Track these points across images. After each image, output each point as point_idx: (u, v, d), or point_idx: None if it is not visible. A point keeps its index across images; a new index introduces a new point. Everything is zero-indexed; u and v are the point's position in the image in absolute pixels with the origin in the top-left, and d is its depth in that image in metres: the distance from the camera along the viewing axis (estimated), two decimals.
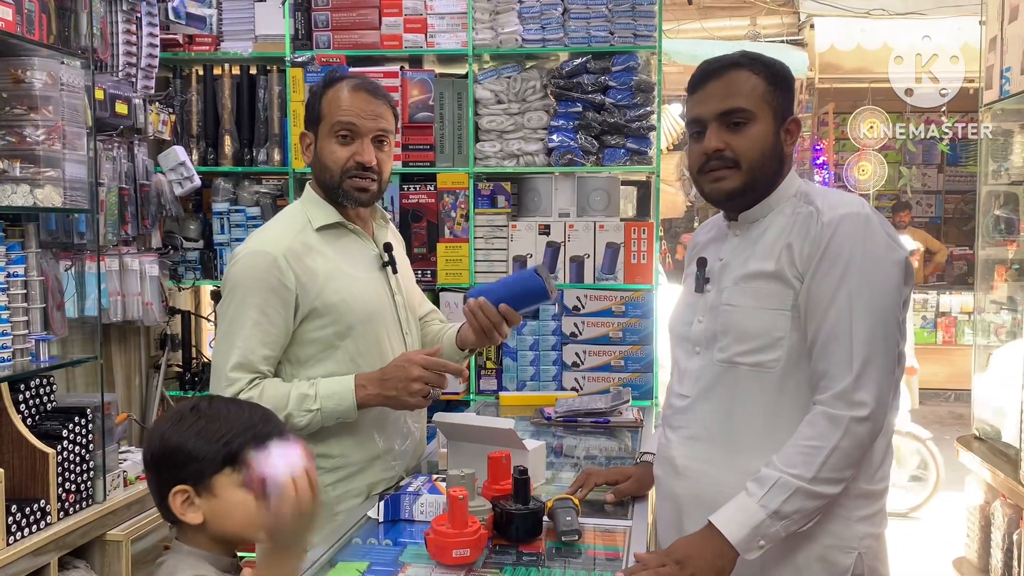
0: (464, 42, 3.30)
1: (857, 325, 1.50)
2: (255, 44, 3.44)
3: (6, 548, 2.22)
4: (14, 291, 2.46)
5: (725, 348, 1.61)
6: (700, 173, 1.64)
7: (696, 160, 1.63)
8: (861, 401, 1.48)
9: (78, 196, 2.60)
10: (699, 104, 1.62)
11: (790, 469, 1.48)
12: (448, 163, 3.36)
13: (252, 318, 1.82)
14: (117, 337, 3.29)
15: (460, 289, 3.35)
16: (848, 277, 1.51)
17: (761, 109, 1.58)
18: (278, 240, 1.88)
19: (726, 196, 1.63)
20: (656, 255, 3.30)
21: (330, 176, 1.92)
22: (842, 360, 1.50)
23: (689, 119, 1.66)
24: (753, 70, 1.60)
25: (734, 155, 1.58)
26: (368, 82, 1.98)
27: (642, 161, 3.29)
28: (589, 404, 2.63)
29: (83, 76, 2.64)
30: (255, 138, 3.49)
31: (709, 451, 1.63)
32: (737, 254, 1.65)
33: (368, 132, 1.91)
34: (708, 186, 1.63)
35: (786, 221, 1.60)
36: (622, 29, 3.23)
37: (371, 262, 2.00)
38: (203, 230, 3.53)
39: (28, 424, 2.43)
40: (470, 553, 1.49)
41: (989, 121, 3.63)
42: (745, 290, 1.60)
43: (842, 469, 1.49)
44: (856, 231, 1.52)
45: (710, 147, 1.59)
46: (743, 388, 1.59)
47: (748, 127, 1.58)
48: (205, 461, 1.25)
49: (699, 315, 1.68)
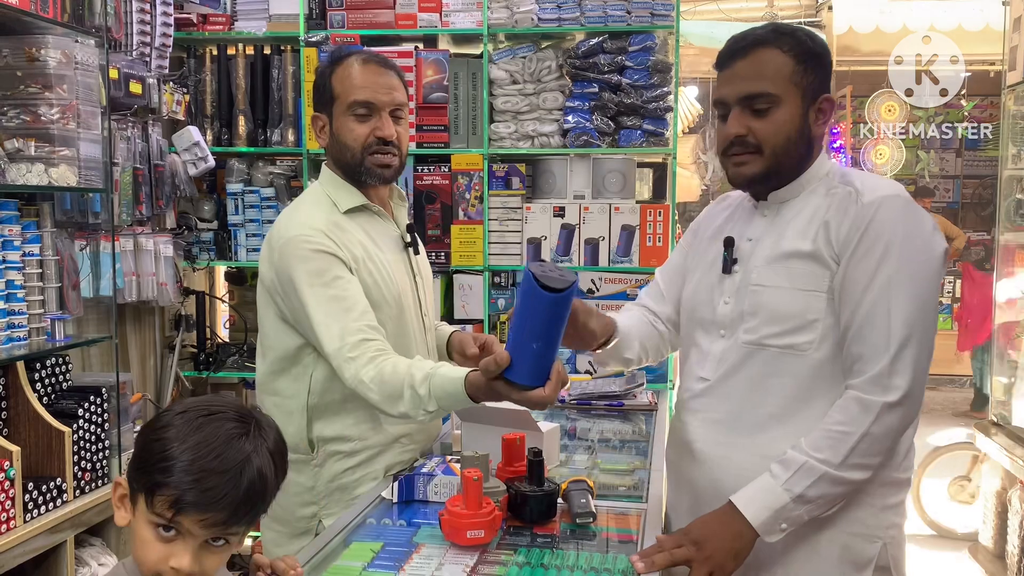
0: (479, 21, 3.27)
1: (896, 309, 1.45)
2: (269, 24, 3.42)
3: (23, 525, 2.24)
4: (29, 270, 2.46)
5: (754, 329, 1.56)
6: (724, 156, 1.59)
7: (720, 142, 1.60)
8: (896, 386, 1.44)
9: (93, 176, 2.60)
10: (724, 84, 1.56)
11: (817, 453, 1.44)
12: (462, 144, 3.34)
13: (326, 296, 1.75)
14: (132, 317, 3.29)
15: (474, 271, 3.34)
16: (888, 260, 1.46)
17: (788, 91, 1.51)
18: (312, 219, 1.83)
19: (747, 181, 1.59)
20: (672, 238, 3.27)
21: (351, 155, 1.88)
22: (878, 344, 1.45)
23: (715, 98, 1.61)
24: (781, 47, 1.52)
25: (756, 141, 1.53)
26: (375, 55, 1.93)
27: (658, 143, 3.26)
28: (603, 387, 2.62)
29: (97, 55, 2.63)
30: (269, 118, 3.48)
31: (730, 435, 1.58)
32: (768, 233, 1.60)
33: (385, 106, 1.87)
34: (731, 170, 1.60)
35: (820, 201, 1.55)
36: (639, 9, 3.19)
37: (394, 243, 1.97)
38: (217, 211, 3.53)
39: (44, 403, 2.44)
40: (484, 534, 1.48)
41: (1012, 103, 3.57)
42: (778, 270, 1.54)
43: (871, 455, 1.45)
44: (897, 214, 1.48)
45: (731, 133, 1.55)
46: (771, 370, 1.54)
47: (772, 112, 1.52)
48: (137, 472, 1.10)
49: (725, 296, 1.62)
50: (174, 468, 1.06)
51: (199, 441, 1.08)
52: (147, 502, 1.08)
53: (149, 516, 1.08)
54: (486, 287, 3.33)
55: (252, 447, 1.11)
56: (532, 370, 1.51)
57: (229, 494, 1.07)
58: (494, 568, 1.42)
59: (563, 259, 3.28)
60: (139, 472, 1.10)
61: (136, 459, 1.11)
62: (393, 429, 1.92)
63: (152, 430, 1.11)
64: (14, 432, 2.36)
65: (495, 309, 3.35)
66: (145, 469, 1.09)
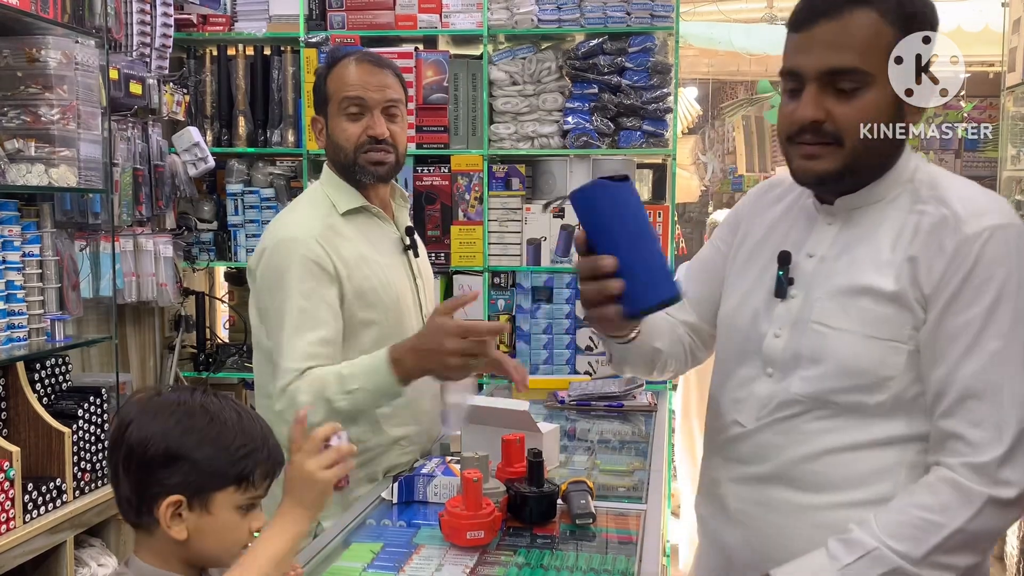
0: (479, 22, 3.27)
1: (1010, 380, 1.15)
2: (269, 24, 3.42)
3: (23, 526, 2.24)
4: (29, 271, 2.46)
5: (814, 380, 1.26)
6: (789, 143, 1.27)
7: (786, 125, 1.26)
8: (1008, 481, 1.13)
9: (93, 176, 2.60)
10: (799, 52, 1.23)
11: (894, 542, 1.14)
12: (462, 145, 3.34)
13: (298, 307, 1.75)
14: (132, 317, 3.30)
15: (474, 272, 3.34)
16: (999, 314, 1.15)
17: (883, 68, 1.19)
18: (307, 224, 1.83)
19: (816, 179, 1.26)
20: (672, 239, 3.27)
21: (344, 155, 1.88)
22: (988, 425, 1.14)
23: (786, 67, 1.25)
24: (880, 10, 1.19)
25: (836, 129, 1.21)
26: (370, 54, 1.93)
27: (658, 144, 3.26)
28: (603, 388, 2.62)
29: (97, 55, 2.63)
30: (269, 119, 3.48)
31: (772, 494, 1.31)
32: (836, 252, 1.29)
33: (377, 104, 1.87)
34: (796, 162, 1.27)
35: (904, 218, 1.23)
36: (639, 10, 3.19)
37: (393, 245, 1.96)
38: (217, 211, 3.53)
39: (44, 403, 2.45)
40: (484, 535, 1.48)
41: (1011, 105, 3.57)
42: (849, 309, 1.23)
43: (962, 555, 1.15)
44: (1010, 251, 1.16)
45: (806, 117, 1.21)
46: (828, 428, 1.26)
47: (861, 94, 1.20)
48: (212, 475, 1.12)
49: (776, 327, 1.31)
50: (252, 446, 1.15)
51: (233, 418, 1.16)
52: (241, 489, 1.14)
53: (240, 500, 1.15)
54: (486, 287, 3.33)
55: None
56: (655, 277, 1.21)
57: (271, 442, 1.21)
58: (494, 569, 1.42)
59: (563, 260, 3.28)
60: (210, 475, 1.13)
61: (197, 463, 1.12)
62: (392, 431, 1.92)
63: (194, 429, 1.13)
64: (14, 432, 2.36)
65: (495, 310, 3.35)
66: (220, 465, 1.13)
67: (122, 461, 1.14)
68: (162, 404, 1.16)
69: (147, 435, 1.12)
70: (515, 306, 3.33)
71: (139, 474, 1.12)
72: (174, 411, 1.14)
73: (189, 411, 1.14)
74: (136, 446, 1.12)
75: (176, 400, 1.16)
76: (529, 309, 3.30)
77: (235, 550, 1.16)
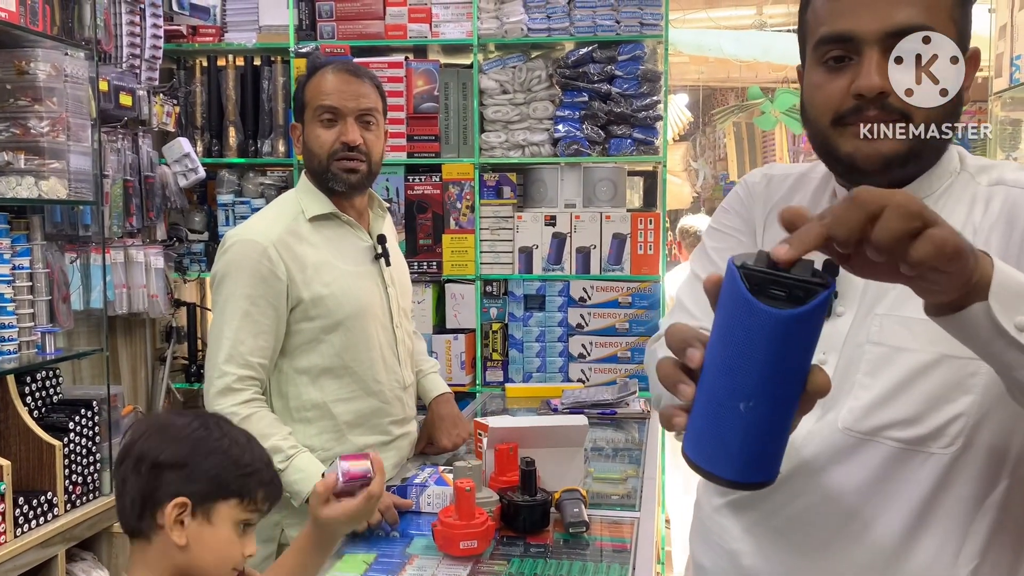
0: (469, 32, 3.28)
1: None
2: (259, 35, 3.43)
3: (14, 540, 2.22)
4: (19, 283, 2.45)
5: (868, 412, 1.01)
6: (838, 124, 1.00)
7: (836, 101, 1.00)
8: None
9: (83, 188, 2.60)
10: (850, 11, 0.98)
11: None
12: (453, 154, 3.35)
13: (242, 309, 1.80)
14: (123, 329, 3.28)
15: (466, 280, 3.34)
16: None
17: (948, 31, 0.97)
18: (268, 229, 1.86)
19: (883, 164, 0.99)
20: (663, 246, 3.28)
21: (318, 161, 1.91)
22: None
23: (827, 34, 1.00)
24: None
25: (903, 103, 0.98)
26: (349, 63, 1.98)
27: (649, 151, 3.27)
28: (596, 396, 2.62)
29: (87, 67, 2.63)
30: (260, 129, 3.48)
31: (799, 553, 1.05)
32: None
33: (351, 112, 1.90)
34: (852, 144, 0.99)
35: (968, 211, 1.03)
36: (628, 18, 3.21)
37: (363, 254, 1.98)
38: (208, 222, 3.53)
39: (34, 416, 2.43)
40: (477, 544, 1.48)
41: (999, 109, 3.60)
42: (914, 326, 0.98)
43: None
44: None
45: (872, 86, 0.96)
46: (882, 475, 1.00)
47: None
48: (219, 484, 1.16)
49: (821, 350, 0.99)
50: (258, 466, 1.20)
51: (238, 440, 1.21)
52: (243, 504, 1.18)
53: (240, 516, 1.18)
54: (478, 296, 3.33)
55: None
56: (734, 450, 0.73)
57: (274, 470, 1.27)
58: None
59: (555, 267, 3.29)
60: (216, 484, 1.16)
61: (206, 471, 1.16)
62: (358, 440, 1.92)
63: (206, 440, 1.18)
64: (4, 446, 2.35)
65: (487, 318, 3.35)
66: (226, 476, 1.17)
67: (132, 466, 1.17)
68: (176, 419, 1.22)
69: (159, 443, 1.17)
70: (507, 314, 3.33)
71: (148, 477, 1.15)
72: (188, 423, 1.20)
73: (203, 424, 1.20)
74: (148, 451, 1.16)
75: (190, 418, 1.22)
76: (521, 317, 3.30)
77: (227, 568, 1.17)
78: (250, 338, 1.80)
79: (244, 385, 1.80)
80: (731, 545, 1.12)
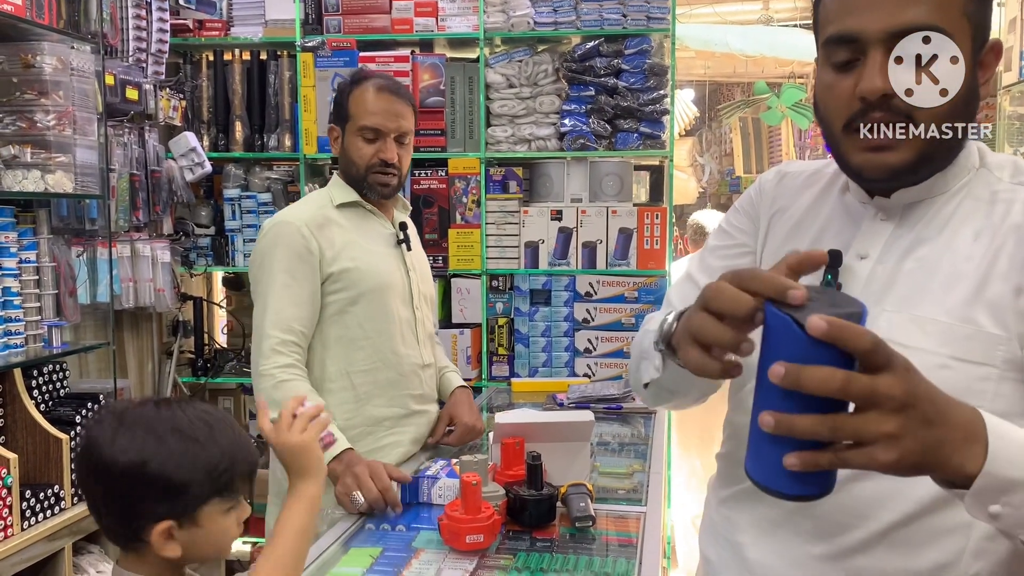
0: (475, 26, 3.27)
1: None
2: (265, 29, 3.42)
3: (21, 533, 2.23)
4: (26, 277, 2.46)
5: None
6: (849, 129, 0.99)
7: (843, 105, 0.99)
8: None
9: (89, 182, 2.60)
10: (856, 9, 0.96)
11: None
12: (459, 148, 3.34)
13: (281, 280, 1.96)
14: (129, 323, 3.29)
15: (472, 275, 3.34)
16: None
17: (959, 28, 0.95)
18: (300, 212, 2.05)
19: (891, 174, 0.98)
20: (670, 240, 3.27)
21: (356, 171, 2.10)
22: None
23: (836, 32, 0.98)
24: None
25: (907, 107, 0.95)
26: (392, 83, 2.12)
27: (655, 145, 3.26)
28: (602, 390, 2.61)
29: (93, 61, 2.63)
30: (266, 124, 3.47)
31: (801, 546, 1.04)
32: (897, 253, 1.03)
33: (391, 132, 2.08)
34: (860, 156, 0.99)
35: (988, 209, 1.00)
36: (635, 12, 3.19)
37: (387, 239, 2.15)
38: (214, 216, 3.53)
39: (41, 410, 2.44)
40: (483, 539, 1.48)
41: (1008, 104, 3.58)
42: (927, 327, 0.97)
43: None
44: None
45: (874, 88, 0.94)
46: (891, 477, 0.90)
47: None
48: (197, 496, 1.12)
49: None
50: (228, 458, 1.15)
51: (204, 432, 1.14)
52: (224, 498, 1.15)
53: (225, 506, 1.15)
54: (484, 291, 3.33)
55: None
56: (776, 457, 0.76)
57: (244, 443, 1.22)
58: (493, 573, 1.42)
59: (560, 262, 3.28)
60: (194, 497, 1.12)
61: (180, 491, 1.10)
62: (376, 412, 2.04)
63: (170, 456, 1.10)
64: (11, 439, 2.36)
65: (493, 313, 3.34)
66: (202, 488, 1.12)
67: (102, 497, 1.12)
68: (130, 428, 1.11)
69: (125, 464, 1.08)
70: (513, 309, 3.32)
71: (122, 506, 1.11)
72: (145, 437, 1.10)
73: (159, 437, 1.09)
74: (120, 477, 1.09)
75: (145, 423, 1.11)
76: (527, 312, 3.30)
77: (227, 545, 1.19)
78: (291, 307, 1.96)
79: (287, 349, 1.94)
80: (735, 537, 1.12)
